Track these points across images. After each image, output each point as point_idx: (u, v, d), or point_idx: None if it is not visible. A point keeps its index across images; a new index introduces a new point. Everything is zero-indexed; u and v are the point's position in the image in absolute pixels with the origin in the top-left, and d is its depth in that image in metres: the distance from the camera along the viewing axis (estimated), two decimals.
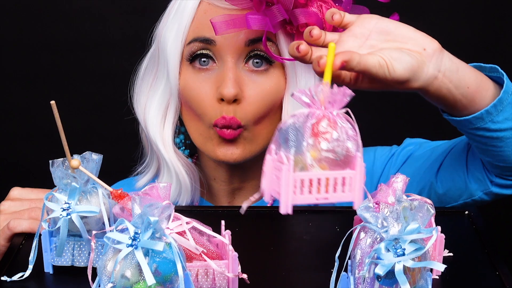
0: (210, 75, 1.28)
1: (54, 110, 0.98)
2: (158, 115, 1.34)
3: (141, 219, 0.88)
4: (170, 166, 1.35)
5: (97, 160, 1.04)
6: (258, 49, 1.26)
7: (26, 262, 1.05)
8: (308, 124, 0.97)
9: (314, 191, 0.97)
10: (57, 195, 1.02)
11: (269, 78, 1.27)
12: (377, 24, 1.10)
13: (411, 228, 0.88)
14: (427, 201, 0.95)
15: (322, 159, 0.97)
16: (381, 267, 0.87)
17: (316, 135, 0.97)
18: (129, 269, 0.87)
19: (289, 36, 1.25)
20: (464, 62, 1.13)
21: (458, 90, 1.11)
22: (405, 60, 1.06)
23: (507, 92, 1.14)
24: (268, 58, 1.26)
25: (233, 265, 0.98)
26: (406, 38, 1.09)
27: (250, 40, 1.25)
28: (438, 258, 1.04)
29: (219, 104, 1.26)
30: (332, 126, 0.97)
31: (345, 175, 0.97)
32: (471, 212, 1.23)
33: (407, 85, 1.08)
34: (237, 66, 1.26)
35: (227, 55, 1.26)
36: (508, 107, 1.14)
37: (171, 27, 1.29)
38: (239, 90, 1.25)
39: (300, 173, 0.95)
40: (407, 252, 0.88)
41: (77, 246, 1.04)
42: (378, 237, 0.91)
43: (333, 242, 1.01)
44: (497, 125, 1.14)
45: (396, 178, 0.95)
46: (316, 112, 0.97)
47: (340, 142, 0.97)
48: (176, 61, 1.29)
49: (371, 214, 0.91)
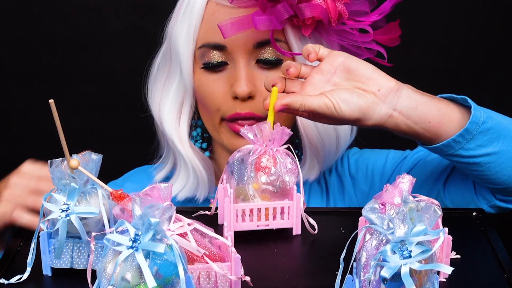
0: (223, 75, 1.33)
1: (53, 109, 0.98)
2: (173, 111, 1.40)
3: (141, 221, 0.88)
4: (187, 160, 1.40)
5: (97, 160, 1.04)
6: (267, 52, 1.31)
7: (24, 264, 1.05)
8: (250, 159, 1.15)
9: (255, 219, 1.17)
10: (56, 196, 1.02)
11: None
12: (343, 62, 1.17)
13: (417, 230, 0.88)
14: (434, 202, 0.95)
15: (264, 191, 1.16)
16: (387, 269, 0.87)
17: (258, 169, 1.16)
18: (130, 272, 0.87)
19: (296, 28, 1.29)
20: (427, 96, 1.19)
21: (419, 125, 1.18)
22: (352, 102, 1.14)
23: (475, 122, 1.17)
24: (277, 59, 1.32)
25: (236, 267, 0.98)
26: (365, 78, 1.16)
27: (258, 43, 1.30)
28: (445, 260, 1.04)
29: (233, 101, 1.32)
30: (272, 161, 1.15)
31: (283, 205, 1.17)
32: (479, 213, 1.23)
33: (360, 123, 1.17)
34: (249, 64, 1.32)
35: (238, 57, 1.31)
36: (479, 136, 1.18)
37: (181, 27, 1.34)
38: (252, 87, 1.31)
39: (241, 204, 1.15)
40: (413, 254, 0.87)
41: (76, 248, 1.04)
42: (384, 239, 0.91)
43: (338, 244, 1.01)
44: (469, 152, 1.19)
45: (403, 178, 0.95)
46: (258, 149, 1.15)
47: (277, 176, 1.15)
48: (189, 63, 1.34)
49: (376, 216, 0.91)
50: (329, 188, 1.47)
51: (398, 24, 1.32)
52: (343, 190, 1.47)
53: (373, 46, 1.32)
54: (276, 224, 1.17)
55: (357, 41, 1.30)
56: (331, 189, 1.47)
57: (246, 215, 1.16)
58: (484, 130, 1.18)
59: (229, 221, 1.15)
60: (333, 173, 1.49)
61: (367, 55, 1.32)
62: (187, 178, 1.43)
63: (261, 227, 1.17)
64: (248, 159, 1.16)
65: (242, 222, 1.16)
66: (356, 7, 1.28)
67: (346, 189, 1.47)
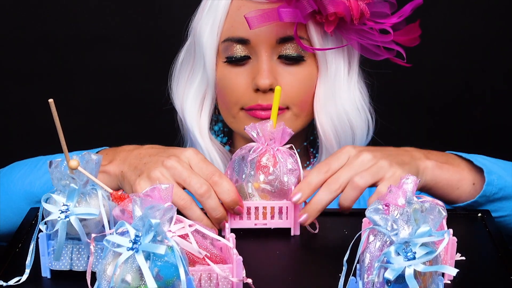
0: (246, 68, 1.36)
1: (52, 108, 0.98)
2: (195, 105, 1.44)
3: (142, 222, 0.88)
4: (206, 152, 1.44)
5: (97, 160, 1.04)
6: (289, 48, 1.35)
7: (23, 266, 1.05)
8: (250, 157, 1.19)
9: (252, 217, 1.19)
10: (55, 197, 1.02)
11: (302, 69, 1.36)
12: None
13: (422, 231, 0.88)
14: (439, 203, 0.95)
15: (263, 190, 1.19)
16: (391, 271, 0.87)
17: (258, 168, 1.18)
18: (130, 274, 0.87)
19: (319, 25, 1.33)
20: (444, 176, 1.26)
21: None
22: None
23: (485, 196, 1.27)
24: (299, 56, 1.35)
25: (238, 269, 0.98)
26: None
27: (281, 38, 1.34)
28: (450, 262, 1.04)
29: (255, 94, 1.35)
30: (272, 161, 1.18)
31: (281, 205, 1.19)
32: (484, 214, 1.23)
33: None
34: (271, 59, 1.35)
35: (261, 50, 1.34)
36: (488, 204, 1.27)
37: (206, 22, 1.37)
38: (274, 80, 1.34)
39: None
40: (417, 256, 0.87)
41: (75, 250, 1.04)
42: (387, 240, 0.91)
43: (341, 246, 1.01)
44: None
45: (406, 179, 0.94)
46: (260, 147, 1.18)
47: (276, 176, 1.18)
48: (212, 56, 1.38)
49: (380, 217, 0.91)
50: None
51: (418, 25, 1.35)
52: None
53: (393, 46, 1.34)
54: (274, 224, 1.19)
55: (376, 40, 1.33)
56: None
57: (244, 213, 1.18)
58: (495, 200, 1.27)
59: (228, 218, 1.18)
60: None
61: (386, 55, 1.35)
62: None
63: (259, 226, 1.19)
64: (248, 157, 1.19)
65: (239, 219, 1.18)
66: (377, 8, 1.32)
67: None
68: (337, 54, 1.36)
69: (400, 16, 1.34)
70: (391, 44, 1.34)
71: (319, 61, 1.36)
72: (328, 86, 1.37)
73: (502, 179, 1.27)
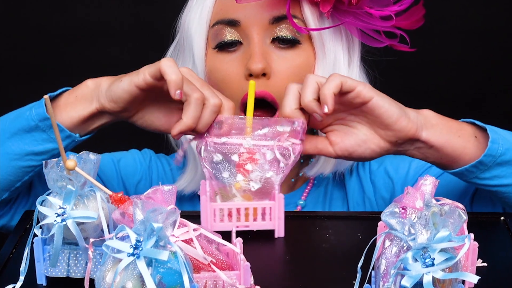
0: (237, 55, 1.35)
1: (48, 105, 0.98)
2: None
3: (143, 226, 0.88)
4: (196, 152, 1.40)
5: (95, 160, 1.04)
6: (283, 29, 1.33)
7: (17, 272, 1.06)
8: (233, 156, 1.19)
9: (234, 219, 1.19)
10: (51, 199, 1.02)
11: (298, 54, 1.35)
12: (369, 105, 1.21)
13: (441, 236, 0.88)
14: (459, 206, 0.95)
15: (245, 190, 1.19)
16: (408, 278, 0.87)
17: (240, 166, 1.19)
18: (131, 281, 0.87)
19: (314, 5, 1.32)
20: (446, 132, 1.24)
21: (431, 159, 1.27)
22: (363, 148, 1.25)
23: (491, 155, 1.24)
24: (294, 38, 1.34)
25: (245, 276, 0.98)
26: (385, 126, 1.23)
27: (275, 18, 1.32)
28: (470, 268, 1.04)
29: (247, 81, 1.31)
30: (252, 159, 1.19)
31: (264, 205, 1.19)
32: (507, 218, 1.23)
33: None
34: (264, 42, 1.34)
35: (252, 32, 1.33)
36: (496, 167, 1.25)
37: (194, 11, 1.38)
38: (266, 64, 1.32)
39: (219, 204, 1.19)
40: (436, 262, 0.87)
41: (73, 256, 1.05)
42: (404, 246, 0.91)
43: (355, 251, 1.01)
44: (485, 181, 1.26)
45: (425, 180, 0.94)
46: (241, 148, 1.19)
47: (258, 174, 1.19)
48: (202, 44, 1.37)
49: (397, 220, 0.91)
50: (348, 192, 1.48)
51: (422, 5, 1.34)
52: (363, 195, 1.48)
53: (393, 30, 1.33)
54: (256, 226, 1.20)
55: (376, 25, 1.32)
56: (350, 193, 1.48)
57: (225, 215, 1.19)
58: (502, 162, 1.23)
59: (206, 221, 1.18)
60: (353, 176, 1.49)
61: (388, 42, 1.33)
62: (195, 171, 1.46)
63: (241, 228, 1.19)
64: (231, 154, 1.20)
65: (220, 222, 1.19)
66: None
67: (366, 194, 1.47)
68: (336, 41, 1.35)
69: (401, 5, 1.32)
70: (392, 29, 1.33)
71: (316, 47, 1.35)
72: (326, 75, 1.34)
73: (507, 141, 1.25)
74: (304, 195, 1.49)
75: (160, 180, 1.53)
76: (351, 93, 1.18)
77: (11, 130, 1.28)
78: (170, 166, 1.56)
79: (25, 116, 1.27)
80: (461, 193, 1.40)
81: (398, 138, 1.21)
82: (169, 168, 1.56)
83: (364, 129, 1.23)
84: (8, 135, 1.28)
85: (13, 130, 1.27)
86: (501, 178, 1.25)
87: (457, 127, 1.25)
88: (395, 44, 1.34)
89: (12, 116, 1.30)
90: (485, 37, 2.07)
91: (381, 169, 1.49)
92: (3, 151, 1.28)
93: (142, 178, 1.53)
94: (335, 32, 1.35)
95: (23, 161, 1.27)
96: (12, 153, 1.28)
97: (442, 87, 2.12)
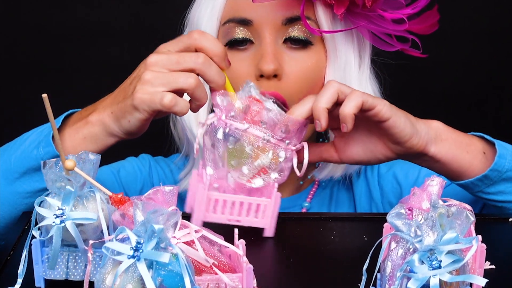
0: (248, 54, 1.35)
1: (46, 104, 0.98)
2: None
3: (144, 227, 0.88)
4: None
5: (95, 160, 1.03)
6: (296, 30, 1.33)
7: (14, 275, 1.05)
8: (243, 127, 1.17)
9: (227, 212, 1.18)
10: (50, 200, 1.02)
11: (309, 55, 1.35)
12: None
13: (448, 238, 0.87)
14: (466, 207, 0.95)
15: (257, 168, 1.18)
16: (415, 281, 0.87)
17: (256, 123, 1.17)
18: (131, 284, 0.87)
19: (328, 7, 1.32)
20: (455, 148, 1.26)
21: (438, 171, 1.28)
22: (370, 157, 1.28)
23: (497, 170, 1.25)
24: (306, 39, 1.34)
25: (248, 279, 0.98)
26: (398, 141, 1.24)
27: (288, 19, 1.33)
28: (478, 271, 1.04)
29: (258, 82, 1.33)
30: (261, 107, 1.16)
31: (259, 202, 1.19)
32: None
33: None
34: (276, 43, 1.34)
35: (264, 32, 1.33)
36: (502, 183, 1.26)
37: (204, 7, 1.37)
38: (278, 65, 1.32)
39: (214, 193, 1.18)
40: (443, 265, 0.87)
41: (72, 258, 1.04)
42: (411, 248, 0.90)
43: (360, 253, 1.00)
44: (490, 196, 1.28)
45: (432, 181, 0.94)
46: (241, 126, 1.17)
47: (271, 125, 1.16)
48: None
49: (403, 222, 0.90)
50: (355, 194, 1.48)
51: (436, 10, 1.35)
52: (370, 199, 1.48)
53: (406, 35, 1.33)
54: (248, 222, 1.20)
55: (388, 28, 1.32)
56: (357, 196, 1.48)
57: (219, 207, 1.18)
58: (508, 178, 1.25)
59: (199, 210, 1.17)
60: (361, 179, 1.49)
61: (399, 46, 1.34)
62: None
63: (232, 222, 1.19)
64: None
65: (213, 213, 1.19)
66: None
67: (374, 198, 1.48)
68: (347, 44, 1.36)
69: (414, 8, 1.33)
70: (405, 33, 1.34)
71: (328, 49, 1.36)
72: (337, 78, 1.35)
73: None
74: (310, 197, 1.49)
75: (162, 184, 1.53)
76: (370, 112, 1.18)
77: (20, 170, 1.28)
78: (170, 168, 1.56)
79: (33, 156, 1.26)
80: (470, 204, 1.40)
81: (407, 153, 1.23)
82: (169, 170, 1.56)
83: (373, 139, 1.24)
84: (17, 175, 1.28)
85: (22, 169, 1.27)
86: (506, 194, 1.27)
87: (467, 142, 1.26)
88: (407, 48, 1.35)
89: (18, 153, 1.30)
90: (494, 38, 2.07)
91: (389, 173, 1.49)
92: (14, 190, 1.29)
93: (144, 185, 1.53)
94: (347, 35, 1.36)
95: (35, 197, 1.27)
96: (24, 192, 1.29)
97: (449, 88, 2.12)
